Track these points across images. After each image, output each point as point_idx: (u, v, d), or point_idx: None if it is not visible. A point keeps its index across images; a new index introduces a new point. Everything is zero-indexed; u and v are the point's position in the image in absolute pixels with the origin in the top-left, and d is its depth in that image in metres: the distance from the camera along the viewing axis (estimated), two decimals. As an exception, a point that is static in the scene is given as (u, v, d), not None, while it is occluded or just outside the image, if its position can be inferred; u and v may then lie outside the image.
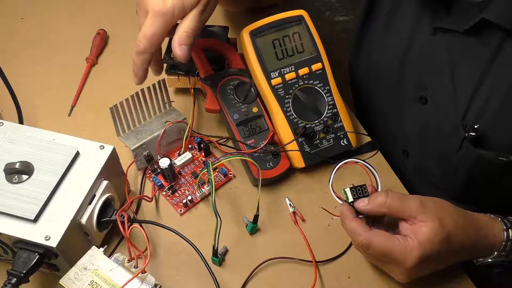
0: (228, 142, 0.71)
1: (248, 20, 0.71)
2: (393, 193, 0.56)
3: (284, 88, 0.69)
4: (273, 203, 0.67)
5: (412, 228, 0.54)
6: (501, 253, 0.57)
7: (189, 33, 0.59)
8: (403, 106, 0.73)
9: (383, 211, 0.56)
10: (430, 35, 0.65)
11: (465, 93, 0.62)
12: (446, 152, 0.66)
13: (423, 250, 0.53)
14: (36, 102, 0.77)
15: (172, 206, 0.66)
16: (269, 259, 0.61)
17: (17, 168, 0.56)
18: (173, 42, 0.59)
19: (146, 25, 0.59)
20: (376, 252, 0.55)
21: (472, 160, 0.63)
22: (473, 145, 0.62)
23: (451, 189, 0.69)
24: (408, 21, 0.69)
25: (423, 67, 0.67)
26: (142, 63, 0.61)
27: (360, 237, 0.55)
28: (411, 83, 0.70)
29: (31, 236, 0.52)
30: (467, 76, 0.62)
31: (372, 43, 0.77)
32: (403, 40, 0.70)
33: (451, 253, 0.55)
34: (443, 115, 0.65)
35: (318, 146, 0.69)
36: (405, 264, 0.54)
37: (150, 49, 0.60)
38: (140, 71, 0.62)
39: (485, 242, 0.57)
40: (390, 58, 0.73)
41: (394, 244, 0.54)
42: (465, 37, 0.61)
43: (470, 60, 0.61)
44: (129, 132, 0.67)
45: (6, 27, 0.89)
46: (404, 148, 0.76)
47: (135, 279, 0.51)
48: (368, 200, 0.57)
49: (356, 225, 0.56)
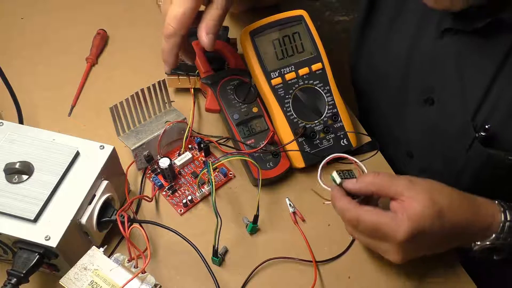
0: (228, 142, 0.71)
1: (248, 20, 0.71)
2: (381, 172, 0.57)
3: (284, 88, 0.69)
4: (273, 203, 0.67)
5: (401, 205, 0.54)
6: (499, 235, 0.55)
7: (215, 22, 0.58)
8: (407, 108, 0.73)
9: (371, 190, 0.56)
10: (437, 37, 0.64)
11: (475, 93, 0.61)
12: (453, 153, 0.66)
13: (412, 223, 0.52)
14: (36, 102, 0.77)
15: (172, 206, 0.66)
16: (269, 259, 0.61)
17: (17, 168, 0.56)
18: (200, 30, 0.58)
19: (174, 6, 0.56)
20: (366, 227, 0.54)
21: (481, 160, 0.62)
22: (483, 145, 0.61)
23: None
24: (412, 25, 0.68)
25: (430, 69, 0.67)
26: (172, 47, 0.58)
27: (349, 213, 0.55)
28: (416, 85, 0.70)
29: (31, 236, 0.52)
30: (477, 77, 0.61)
31: (374, 47, 0.77)
32: (407, 43, 0.69)
33: (446, 232, 0.54)
34: (451, 116, 0.65)
35: (318, 146, 0.69)
36: (395, 239, 0.53)
37: (180, 30, 0.57)
38: (170, 57, 0.59)
39: (482, 221, 0.55)
40: (393, 62, 0.73)
41: (383, 217, 0.53)
42: (475, 38, 0.60)
43: (481, 60, 0.61)
44: (129, 132, 0.67)
45: (6, 27, 0.89)
46: (408, 150, 0.76)
47: (135, 279, 0.51)
48: (356, 180, 0.57)
49: (345, 202, 0.56)
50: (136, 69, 0.82)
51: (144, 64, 0.81)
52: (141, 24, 0.89)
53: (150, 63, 0.80)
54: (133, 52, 0.85)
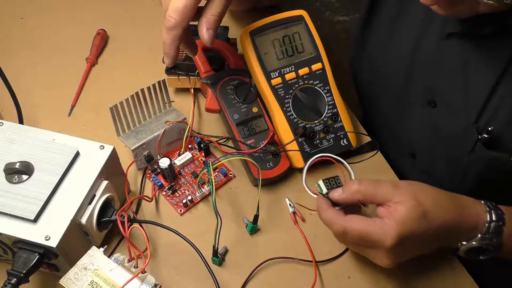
0: (228, 142, 0.71)
1: (248, 20, 0.71)
2: (365, 180, 0.56)
3: (284, 88, 0.69)
4: (273, 203, 0.67)
5: (388, 210, 0.54)
6: (485, 235, 0.55)
7: (216, 17, 0.57)
8: (409, 109, 0.73)
9: (357, 198, 0.56)
10: (441, 40, 0.64)
11: (479, 96, 0.61)
12: (456, 154, 0.66)
13: (400, 228, 0.52)
14: (36, 102, 0.77)
15: (172, 206, 0.66)
16: (269, 259, 0.61)
17: (17, 168, 0.56)
18: (200, 25, 0.58)
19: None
20: (354, 237, 0.54)
21: (484, 162, 0.62)
22: (485, 147, 0.61)
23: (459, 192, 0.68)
24: (414, 26, 0.68)
25: (433, 71, 0.67)
26: (173, 40, 0.58)
27: (336, 225, 0.55)
28: (418, 87, 0.70)
29: (31, 236, 0.52)
30: (481, 79, 0.61)
31: (375, 47, 0.77)
32: (409, 44, 0.69)
33: (432, 232, 0.54)
34: (454, 118, 0.65)
35: (318, 146, 0.69)
36: (384, 245, 0.53)
37: (181, 23, 0.56)
38: (172, 49, 0.58)
39: (468, 221, 0.55)
40: (395, 62, 0.72)
41: (370, 225, 0.53)
42: (481, 41, 0.60)
43: (485, 63, 0.61)
44: (129, 132, 0.67)
45: (6, 27, 0.89)
46: (411, 151, 0.76)
47: (135, 279, 0.51)
48: (342, 189, 0.57)
49: (331, 214, 0.56)
50: (136, 69, 0.82)
51: (144, 64, 0.81)
52: (141, 24, 0.89)
53: (150, 63, 0.80)
54: (133, 52, 0.85)
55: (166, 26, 0.57)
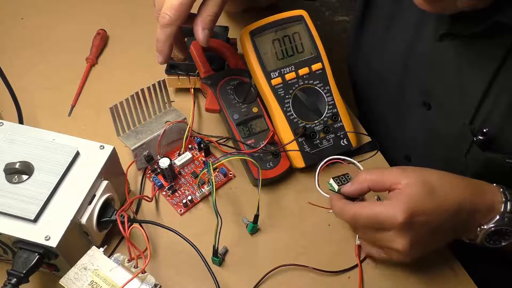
0: (228, 142, 0.71)
1: (248, 20, 0.71)
2: (372, 169, 0.58)
3: (284, 88, 0.69)
4: (273, 203, 0.67)
5: (396, 192, 0.55)
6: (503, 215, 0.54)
7: (212, 17, 0.58)
8: (405, 111, 0.73)
9: (366, 186, 0.57)
10: (435, 41, 0.64)
11: (474, 97, 0.61)
12: (452, 156, 0.66)
13: (407, 203, 0.52)
14: (36, 102, 0.77)
15: (172, 206, 0.66)
16: (281, 265, 0.60)
17: (17, 168, 0.56)
18: (196, 25, 0.58)
19: None
20: (364, 221, 0.55)
21: (479, 163, 0.62)
22: (481, 149, 0.61)
23: None
24: (409, 27, 0.68)
25: (427, 72, 0.67)
26: (167, 38, 0.58)
27: (345, 212, 0.56)
28: (413, 89, 0.70)
29: (31, 236, 0.52)
30: (476, 80, 0.61)
31: (371, 47, 0.77)
32: (404, 45, 0.69)
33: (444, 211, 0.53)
34: (449, 120, 0.65)
35: (318, 146, 0.69)
36: (394, 222, 0.52)
37: (176, 21, 0.57)
38: (165, 47, 0.59)
39: (483, 202, 0.55)
40: (390, 63, 0.72)
41: (377, 206, 0.54)
42: (474, 41, 0.60)
43: (480, 63, 0.61)
44: (129, 132, 0.67)
45: (6, 27, 0.89)
46: (406, 153, 0.76)
47: (135, 279, 0.51)
48: (351, 182, 0.58)
49: (341, 204, 0.57)
50: (136, 69, 0.82)
51: (144, 64, 0.81)
52: (141, 24, 0.89)
53: (150, 63, 0.80)
54: (133, 52, 0.85)
55: (161, 23, 0.57)
